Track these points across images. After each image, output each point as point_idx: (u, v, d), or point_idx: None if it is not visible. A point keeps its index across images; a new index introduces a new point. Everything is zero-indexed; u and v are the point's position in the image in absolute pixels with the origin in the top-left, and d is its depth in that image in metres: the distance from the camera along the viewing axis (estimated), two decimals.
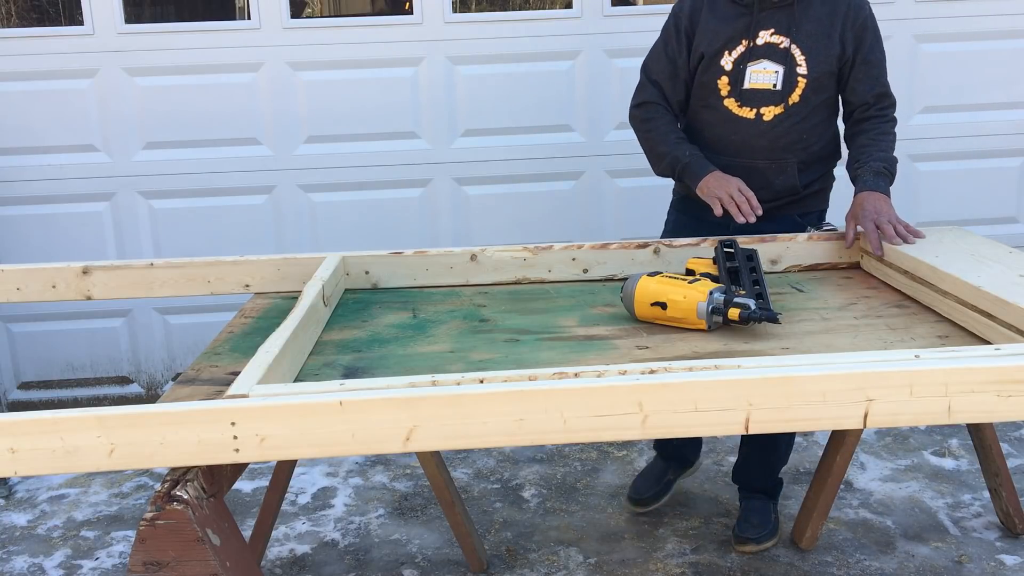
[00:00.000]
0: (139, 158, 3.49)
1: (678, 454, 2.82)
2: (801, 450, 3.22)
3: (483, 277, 2.26)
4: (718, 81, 2.34)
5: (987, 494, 2.76)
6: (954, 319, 1.84)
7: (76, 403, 3.64)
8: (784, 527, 2.71)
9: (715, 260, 2.11)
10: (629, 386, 1.37)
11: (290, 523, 2.86)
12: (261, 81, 3.46)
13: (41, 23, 3.55)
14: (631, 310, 1.92)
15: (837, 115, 2.47)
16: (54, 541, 2.82)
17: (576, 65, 3.50)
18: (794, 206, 2.45)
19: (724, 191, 2.24)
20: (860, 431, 2.51)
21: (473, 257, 2.26)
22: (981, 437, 2.61)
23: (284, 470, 2.47)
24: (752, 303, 1.81)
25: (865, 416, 1.40)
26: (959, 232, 2.26)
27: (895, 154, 2.37)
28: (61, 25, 3.47)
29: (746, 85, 2.32)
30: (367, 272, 2.26)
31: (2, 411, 3.57)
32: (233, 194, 3.53)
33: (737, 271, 2.02)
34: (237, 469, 1.48)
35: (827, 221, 2.48)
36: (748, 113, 2.34)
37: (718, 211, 2.24)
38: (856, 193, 2.28)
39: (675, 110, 2.46)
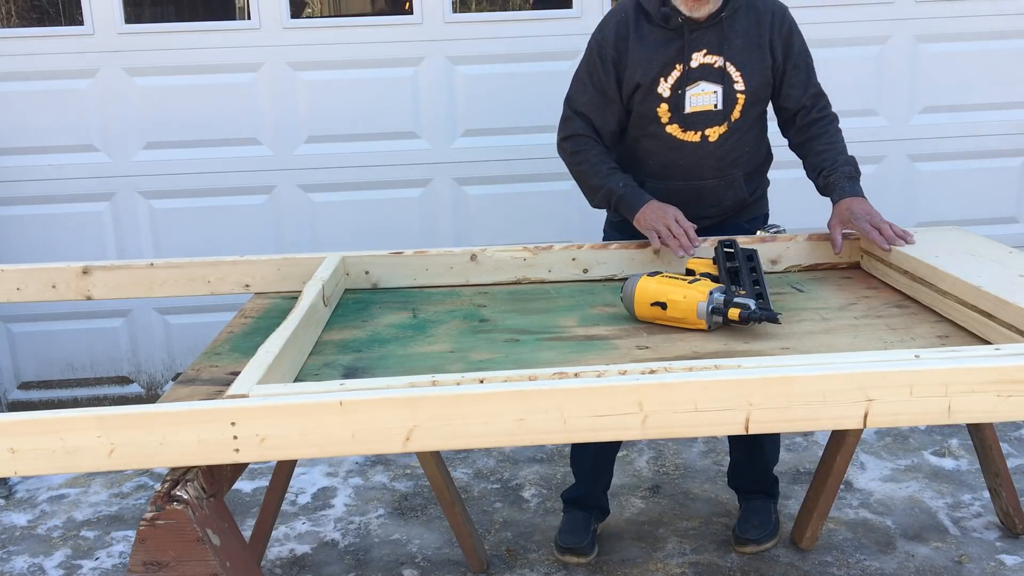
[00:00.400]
0: (139, 158, 3.49)
1: (598, 503, 2.67)
2: (801, 450, 3.22)
3: (483, 277, 2.26)
4: (657, 109, 2.30)
5: (987, 494, 2.76)
6: (954, 319, 1.84)
7: (76, 403, 3.63)
8: (784, 527, 2.71)
9: (715, 260, 2.11)
10: (629, 386, 1.37)
11: (290, 523, 2.86)
12: (261, 81, 3.46)
13: (41, 23, 3.56)
14: (631, 310, 1.92)
15: (767, 121, 2.46)
16: (54, 541, 2.82)
17: (576, 65, 3.50)
18: (741, 214, 2.47)
19: (662, 223, 2.20)
20: (860, 431, 2.51)
21: (473, 257, 2.26)
22: (981, 437, 2.61)
23: (284, 470, 2.47)
24: (752, 303, 1.81)
25: (865, 416, 1.40)
26: (959, 232, 2.26)
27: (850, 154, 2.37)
28: (61, 25, 3.47)
29: (687, 109, 2.29)
30: (367, 272, 2.26)
31: (2, 411, 3.57)
32: (233, 194, 3.53)
33: (737, 271, 2.02)
34: (237, 469, 1.48)
35: (772, 223, 2.48)
36: (693, 137, 2.32)
37: (655, 245, 2.19)
38: (838, 200, 2.24)
39: (605, 141, 2.38)
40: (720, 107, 2.29)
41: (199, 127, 3.47)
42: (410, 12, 3.46)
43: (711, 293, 1.83)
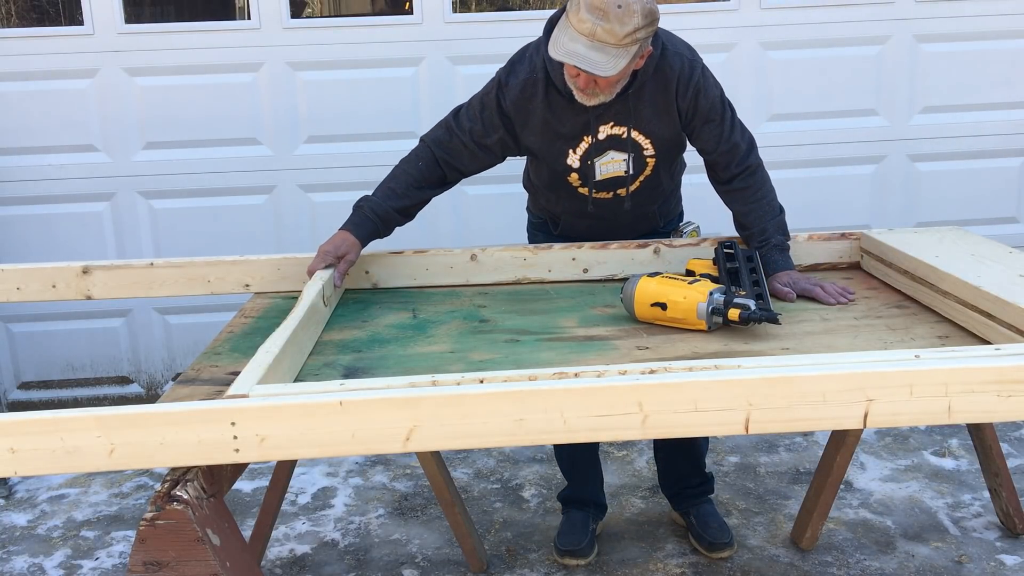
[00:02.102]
0: (139, 158, 3.49)
1: (595, 500, 2.68)
2: (801, 450, 3.22)
3: (483, 277, 2.26)
4: (568, 177, 2.25)
5: (987, 494, 2.76)
6: (954, 319, 1.84)
7: (76, 403, 3.63)
8: (784, 527, 2.71)
9: (715, 261, 2.11)
10: (629, 386, 1.37)
11: (290, 523, 2.86)
12: (261, 81, 3.46)
13: (41, 23, 3.55)
14: (631, 311, 1.92)
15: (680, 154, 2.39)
16: (54, 541, 2.82)
17: None
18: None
19: (320, 253, 2.13)
20: (860, 431, 2.51)
21: (473, 257, 2.26)
22: (981, 437, 2.61)
23: (284, 470, 2.47)
24: (752, 303, 1.81)
25: (865, 416, 1.40)
26: (959, 232, 2.26)
27: (777, 202, 2.26)
28: (61, 25, 3.47)
29: (597, 177, 2.24)
30: (367, 272, 2.26)
31: (2, 411, 3.57)
32: (233, 194, 3.53)
33: (737, 272, 2.02)
34: (237, 469, 1.48)
35: (686, 220, 2.46)
36: (606, 195, 2.28)
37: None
38: (774, 273, 2.13)
39: (445, 170, 2.24)
40: (631, 171, 2.24)
41: (199, 127, 3.47)
42: (410, 12, 3.46)
43: (711, 294, 1.83)
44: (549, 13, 3.54)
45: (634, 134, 2.19)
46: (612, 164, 2.22)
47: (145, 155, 3.49)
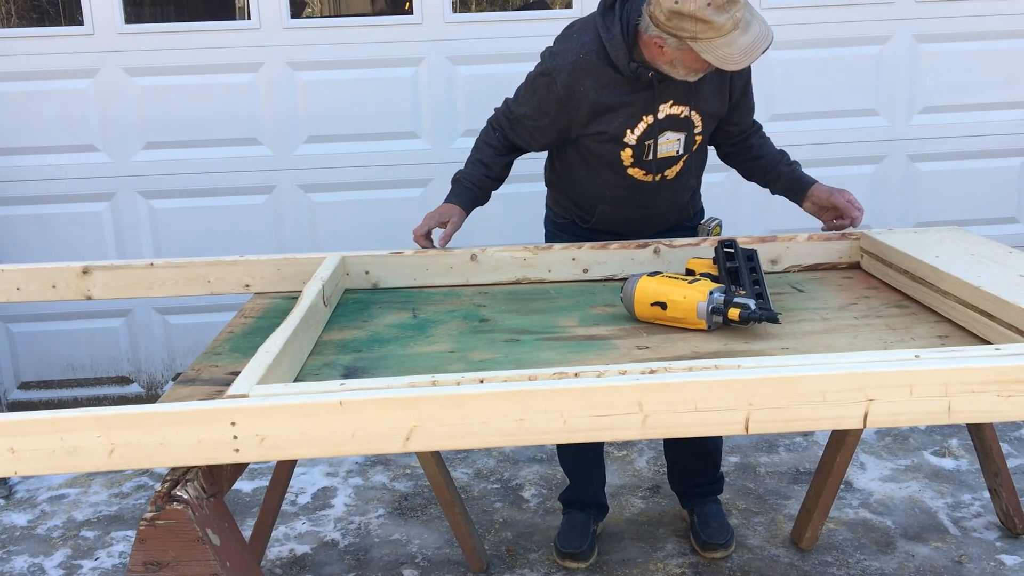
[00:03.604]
0: (139, 158, 3.49)
1: (596, 501, 2.68)
2: (801, 450, 3.22)
3: (483, 277, 2.26)
4: (621, 153, 2.25)
5: (987, 494, 2.76)
6: (954, 319, 1.84)
7: (76, 403, 3.63)
8: (784, 527, 2.71)
9: (715, 260, 2.11)
10: (629, 386, 1.37)
11: (290, 523, 2.86)
12: (261, 81, 3.46)
13: (41, 23, 3.56)
14: (631, 310, 1.92)
15: None
16: (54, 541, 2.82)
17: None
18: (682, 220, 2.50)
19: (425, 218, 2.29)
20: (860, 431, 2.51)
21: (473, 257, 2.26)
22: (981, 437, 2.61)
23: (284, 470, 2.47)
24: (752, 303, 1.81)
25: (865, 416, 1.40)
26: (959, 232, 2.26)
27: None
28: (61, 25, 3.47)
29: (651, 157, 2.26)
30: (367, 272, 2.26)
31: (2, 411, 3.57)
32: (233, 194, 3.53)
33: (737, 271, 2.02)
34: (237, 469, 1.48)
35: (709, 216, 2.47)
36: (653, 177, 2.30)
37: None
38: (811, 185, 2.37)
39: (514, 142, 2.36)
40: (681, 152, 2.28)
41: (199, 127, 3.47)
42: (410, 12, 3.46)
43: (711, 293, 1.82)
44: (552, 13, 3.56)
45: (693, 114, 2.23)
46: (667, 144, 2.25)
47: (145, 155, 3.49)
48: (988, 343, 1.69)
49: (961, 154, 3.68)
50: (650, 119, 2.19)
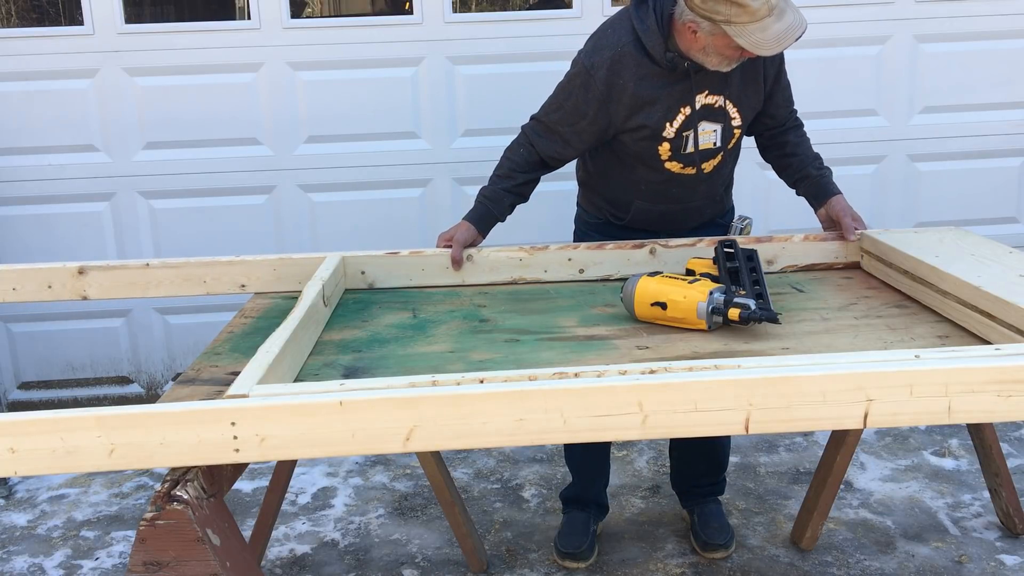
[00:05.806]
0: (139, 158, 3.49)
1: (597, 500, 2.68)
2: (801, 450, 3.22)
3: (479, 277, 2.26)
4: (659, 147, 2.25)
5: (987, 494, 2.76)
6: (954, 319, 1.84)
7: (76, 403, 3.63)
8: (784, 527, 2.71)
9: (715, 260, 2.11)
10: (629, 386, 1.37)
11: (290, 523, 2.86)
12: (261, 81, 3.46)
13: (41, 23, 3.55)
14: (631, 310, 1.92)
15: None
16: (54, 541, 2.82)
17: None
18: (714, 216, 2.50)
19: (457, 250, 2.25)
20: (860, 431, 2.51)
21: (469, 257, 2.26)
22: (981, 437, 2.61)
23: (284, 470, 2.47)
24: (752, 303, 1.81)
25: (865, 416, 1.40)
26: (959, 232, 2.26)
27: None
28: (61, 25, 3.47)
29: (689, 150, 2.26)
30: (363, 272, 2.26)
31: (2, 411, 3.57)
32: (233, 194, 3.53)
33: (737, 271, 2.02)
34: (237, 469, 1.48)
35: (739, 215, 2.48)
36: (690, 170, 2.30)
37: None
38: (833, 196, 2.36)
39: (543, 157, 2.33)
40: (719, 144, 2.29)
41: (199, 127, 3.47)
42: (410, 12, 3.46)
43: (711, 293, 1.82)
44: (551, 13, 3.56)
45: (728, 104, 2.24)
46: (704, 136, 2.26)
47: (145, 155, 3.49)
48: (988, 343, 1.69)
49: (961, 154, 3.68)
50: (688, 110, 2.21)
